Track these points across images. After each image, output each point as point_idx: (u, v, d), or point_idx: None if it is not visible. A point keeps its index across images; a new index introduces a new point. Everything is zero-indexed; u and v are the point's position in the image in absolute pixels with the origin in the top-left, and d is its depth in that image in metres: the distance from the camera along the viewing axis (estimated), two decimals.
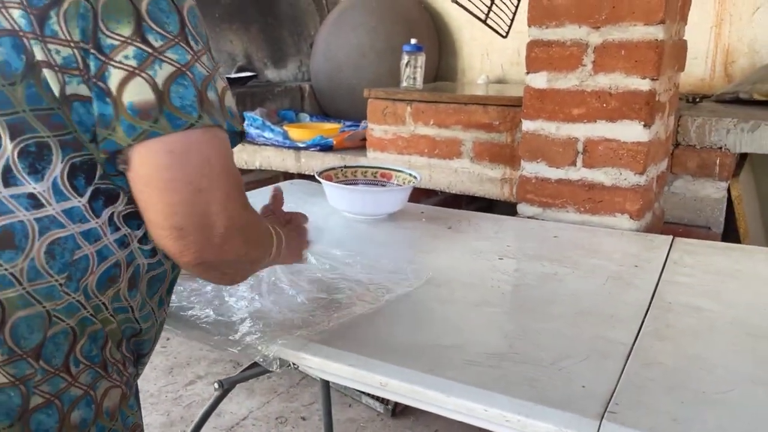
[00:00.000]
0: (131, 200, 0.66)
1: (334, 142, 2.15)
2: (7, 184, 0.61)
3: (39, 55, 0.59)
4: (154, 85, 0.60)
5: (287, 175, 2.32)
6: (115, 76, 0.59)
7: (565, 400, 0.70)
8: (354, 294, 0.97)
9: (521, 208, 1.52)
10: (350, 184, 1.47)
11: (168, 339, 2.50)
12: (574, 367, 0.78)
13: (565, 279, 1.10)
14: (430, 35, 2.53)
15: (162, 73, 0.60)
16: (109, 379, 0.69)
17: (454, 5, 1.87)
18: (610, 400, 0.70)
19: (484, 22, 1.78)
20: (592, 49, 1.35)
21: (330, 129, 2.31)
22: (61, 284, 0.63)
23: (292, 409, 2.09)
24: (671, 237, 1.30)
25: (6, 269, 0.61)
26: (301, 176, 2.12)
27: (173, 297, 0.95)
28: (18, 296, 0.61)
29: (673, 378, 0.76)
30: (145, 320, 0.73)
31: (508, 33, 1.91)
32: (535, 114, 1.45)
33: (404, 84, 2.04)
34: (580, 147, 1.41)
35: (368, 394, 2.11)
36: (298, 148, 2.21)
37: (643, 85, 1.31)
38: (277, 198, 0.98)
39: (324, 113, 2.74)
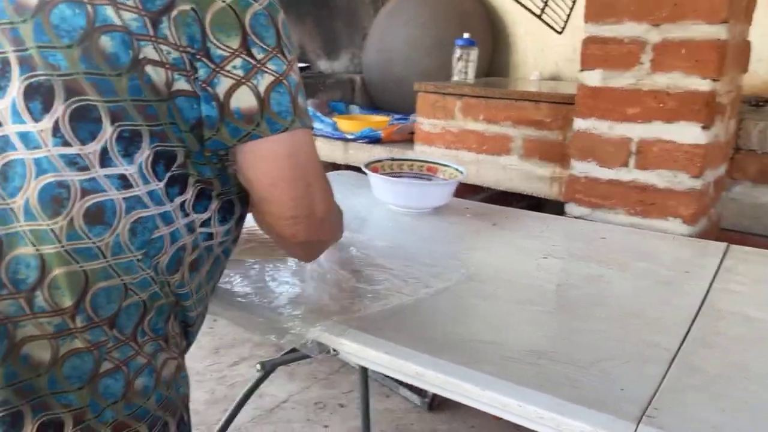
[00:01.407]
0: (198, 184, 0.71)
1: (383, 135, 2.16)
2: (103, 165, 0.65)
3: (148, 54, 0.64)
4: (257, 93, 0.67)
5: (335, 166, 2.34)
6: (223, 84, 0.66)
7: (602, 401, 0.69)
8: (393, 286, 0.98)
9: (569, 208, 1.50)
10: (396, 176, 1.47)
11: (215, 320, 2.57)
12: (614, 369, 0.77)
13: (611, 281, 1.08)
14: (484, 29, 2.51)
15: (263, 82, 0.67)
16: (167, 351, 0.74)
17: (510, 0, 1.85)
18: (649, 404, 0.69)
19: (539, 17, 1.76)
20: (651, 47, 1.31)
21: (379, 121, 2.32)
22: (138, 260, 0.68)
23: (330, 396, 2.13)
24: (726, 244, 1.26)
25: (94, 243, 0.66)
26: (349, 168, 2.14)
27: None
28: (101, 269, 0.67)
29: (716, 386, 0.74)
30: (199, 301, 0.79)
31: (563, 29, 1.87)
32: (587, 112, 1.42)
33: (455, 78, 2.03)
34: (633, 147, 1.38)
35: (406, 386, 2.12)
36: (346, 140, 2.23)
37: (703, 85, 1.27)
38: None
39: (374, 106, 2.75)
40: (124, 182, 0.66)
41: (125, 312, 0.69)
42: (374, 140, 2.18)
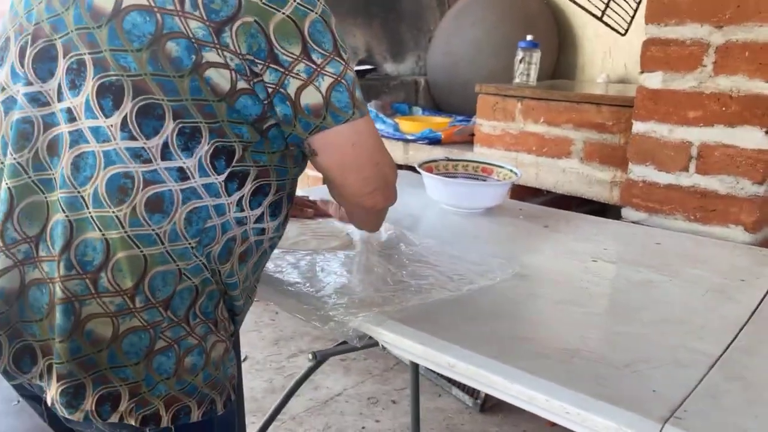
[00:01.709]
0: (258, 179, 0.78)
1: (443, 136, 2.18)
2: (163, 158, 0.72)
3: (211, 58, 0.70)
4: (320, 92, 0.74)
5: (396, 167, 2.38)
6: (293, 85, 0.73)
7: (630, 401, 0.69)
8: (437, 281, 1.01)
9: (626, 212, 1.47)
10: (450, 176, 1.49)
11: (277, 313, 2.67)
12: (648, 372, 0.77)
13: (660, 286, 1.06)
14: (550, 31, 2.49)
15: (324, 83, 0.74)
16: (217, 334, 0.80)
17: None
18: (679, 406, 0.69)
19: (600, 19, 1.73)
20: (714, 50, 1.27)
21: (440, 123, 2.35)
22: (192, 247, 0.75)
23: (383, 392, 2.17)
24: None
25: (153, 230, 0.73)
26: (409, 168, 2.17)
27: (271, 266, 1.05)
28: (159, 254, 0.73)
29: (753, 393, 0.73)
30: (244, 291, 0.84)
31: (627, 30, 1.84)
32: (647, 115, 1.40)
33: (517, 80, 2.02)
34: (694, 152, 1.34)
35: (458, 386, 2.13)
36: (407, 141, 2.27)
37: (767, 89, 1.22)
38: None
39: (437, 107, 2.78)
40: (181, 174, 0.72)
41: (179, 295, 0.75)
42: (434, 141, 2.21)
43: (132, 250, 0.72)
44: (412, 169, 1.91)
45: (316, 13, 0.73)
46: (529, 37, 2.02)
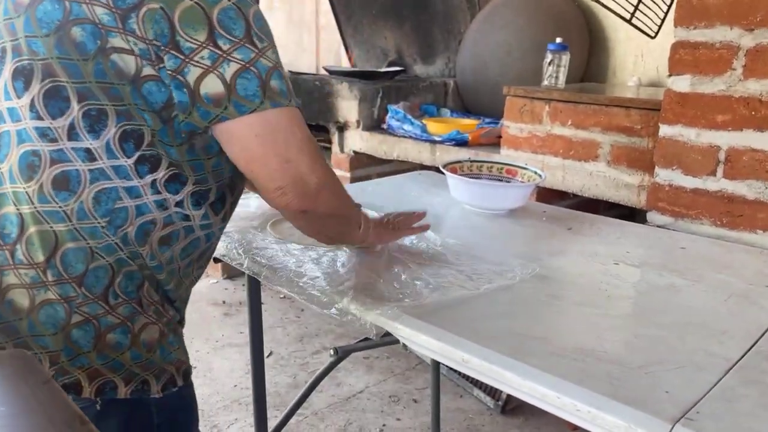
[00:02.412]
0: (171, 167, 0.79)
1: (470, 138, 2.19)
2: (70, 138, 0.76)
3: (116, 43, 0.74)
4: (223, 80, 0.74)
5: (423, 168, 2.40)
6: (193, 73, 0.74)
7: (641, 400, 0.69)
8: (455, 280, 1.02)
9: (651, 216, 1.46)
10: (474, 177, 1.50)
11: (302, 310, 2.71)
12: (662, 374, 0.76)
13: (682, 291, 1.05)
14: (581, 34, 2.47)
15: (230, 70, 0.74)
16: (146, 316, 0.83)
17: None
18: (692, 407, 0.69)
19: (629, 21, 1.72)
20: (744, 53, 1.26)
21: (467, 125, 2.35)
22: (102, 226, 0.78)
23: (405, 391, 2.18)
24: None
25: (60, 207, 0.77)
26: (436, 170, 2.18)
27: (293, 262, 1.07)
28: (68, 230, 0.78)
29: None
30: (171, 275, 0.86)
31: (657, 33, 1.82)
32: (674, 119, 1.38)
33: (545, 83, 2.02)
34: (722, 156, 1.33)
35: (480, 387, 2.13)
36: (434, 142, 2.28)
37: None
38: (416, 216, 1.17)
39: (466, 109, 2.78)
40: (89, 155, 0.76)
41: (93, 273, 0.79)
42: (461, 143, 2.21)
43: (42, 225, 0.77)
44: (437, 169, 1.92)
45: (230, 0, 0.75)
46: (558, 40, 2.01)
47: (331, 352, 1.32)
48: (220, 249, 1.15)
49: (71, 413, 0.54)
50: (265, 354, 2.25)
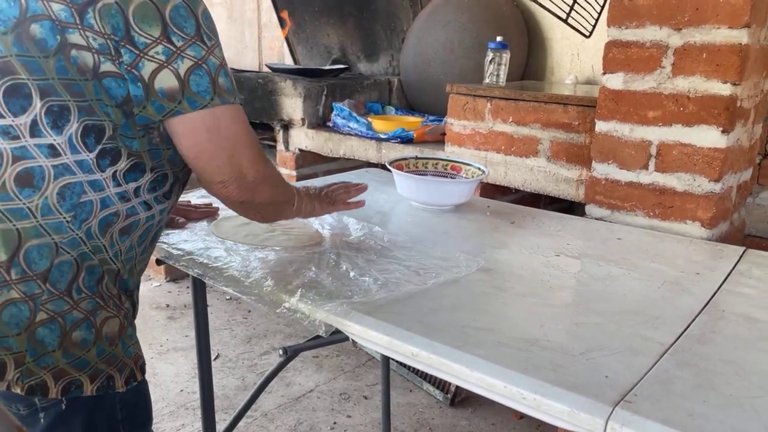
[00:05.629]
0: (130, 159, 0.81)
1: (414, 135, 2.21)
2: (33, 135, 0.75)
3: (75, 40, 0.74)
4: (177, 76, 0.77)
5: (369, 165, 2.40)
6: (148, 67, 0.76)
7: (583, 386, 0.72)
8: (403, 276, 1.03)
9: (589, 209, 1.52)
10: (420, 174, 1.52)
11: (249, 311, 2.67)
12: (602, 359, 0.80)
13: (618, 279, 1.10)
14: (520, 33, 2.53)
15: (183, 66, 0.77)
16: (107, 310, 0.83)
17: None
18: (630, 390, 0.72)
19: (565, 21, 1.78)
20: (672, 51, 1.32)
21: (412, 122, 2.37)
22: (67, 221, 0.78)
23: (355, 388, 2.19)
24: (743, 248, 1.26)
25: (24, 203, 0.76)
26: (382, 167, 2.20)
27: (239, 262, 1.05)
28: (32, 227, 0.77)
29: (703, 379, 0.76)
30: (127, 262, 0.87)
31: (591, 33, 1.88)
32: (608, 115, 1.44)
33: (487, 81, 2.06)
34: (653, 150, 1.39)
35: (430, 381, 2.16)
36: (380, 140, 2.29)
37: (724, 89, 1.27)
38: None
39: (410, 107, 2.80)
40: (52, 151, 0.76)
41: (57, 269, 0.78)
42: (406, 140, 2.23)
43: (5, 224, 0.76)
44: (383, 167, 1.93)
45: None
46: (499, 38, 2.05)
47: (280, 351, 1.30)
48: (163, 251, 1.12)
49: (9, 425, 0.52)
50: (212, 357, 2.21)
